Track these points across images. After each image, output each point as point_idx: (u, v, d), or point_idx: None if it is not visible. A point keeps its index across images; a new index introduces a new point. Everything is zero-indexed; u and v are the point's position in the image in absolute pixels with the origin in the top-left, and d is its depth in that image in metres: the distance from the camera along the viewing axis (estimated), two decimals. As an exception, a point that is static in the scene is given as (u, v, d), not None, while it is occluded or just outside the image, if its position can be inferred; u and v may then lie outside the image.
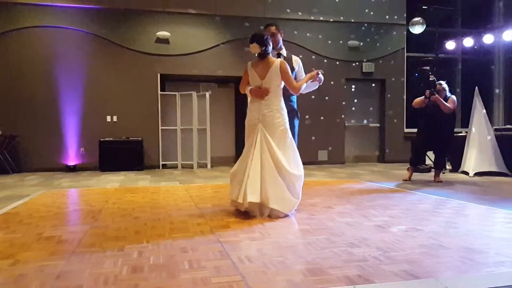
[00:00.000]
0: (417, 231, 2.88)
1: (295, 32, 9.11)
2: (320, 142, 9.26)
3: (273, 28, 3.71)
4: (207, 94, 8.50)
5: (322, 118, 9.24)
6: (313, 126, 9.14)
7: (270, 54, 3.44)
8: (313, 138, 9.18)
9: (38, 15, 8.04)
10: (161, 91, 8.56)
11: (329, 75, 8.85)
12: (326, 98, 9.24)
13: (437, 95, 5.56)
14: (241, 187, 3.31)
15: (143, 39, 8.48)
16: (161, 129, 8.55)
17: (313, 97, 8.86)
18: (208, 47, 8.71)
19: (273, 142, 3.31)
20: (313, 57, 9.16)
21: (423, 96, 5.61)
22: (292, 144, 3.40)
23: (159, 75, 8.47)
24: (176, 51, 8.58)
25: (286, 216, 3.32)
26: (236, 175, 3.50)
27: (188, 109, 8.68)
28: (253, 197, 3.22)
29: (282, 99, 3.46)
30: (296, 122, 3.77)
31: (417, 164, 5.98)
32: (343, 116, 9.47)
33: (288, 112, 3.51)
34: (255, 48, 3.37)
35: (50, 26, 8.09)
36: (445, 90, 5.59)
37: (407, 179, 5.87)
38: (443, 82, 5.58)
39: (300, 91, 3.52)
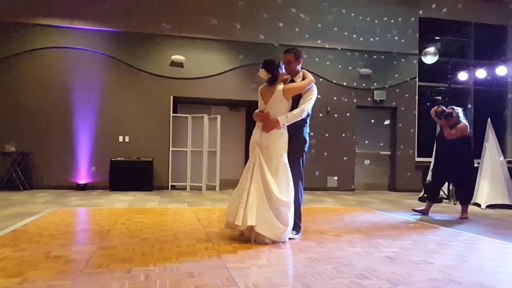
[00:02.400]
0: (428, 264, 2.82)
1: (307, 58, 8.96)
2: (330, 168, 9.19)
3: (289, 56, 3.65)
4: (218, 117, 8.53)
5: (331, 144, 9.21)
6: (322, 152, 9.11)
7: (278, 81, 3.51)
8: (322, 164, 9.12)
9: (55, 36, 8.19)
10: (173, 113, 8.62)
11: (340, 102, 9.07)
12: (337, 124, 9.24)
13: (444, 120, 5.35)
14: (239, 210, 3.31)
15: (158, 62, 8.57)
16: (172, 150, 8.55)
17: (323, 123, 8.94)
18: (221, 72, 8.78)
19: (266, 167, 3.34)
20: (325, 83, 9.19)
21: (437, 106, 5.52)
22: (285, 168, 3.38)
23: (172, 97, 8.52)
24: (190, 74, 8.66)
25: (273, 242, 3.29)
26: (234, 197, 3.51)
27: (199, 131, 8.66)
28: (251, 220, 3.23)
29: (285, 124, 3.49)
30: (304, 152, 3.69)
31: (434, 200, 5.47)
32: (353, 143, 9.42)
33: (295, 140, 3.55)
34: (263, 74, 3.48)
35: (67, 47, 8.23)
36: (457, 116, 5.34)
37: (423, 211, 5.44)
38: (456, 108, 5.42)
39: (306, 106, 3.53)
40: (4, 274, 2.37)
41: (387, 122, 9.10)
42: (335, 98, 9.29)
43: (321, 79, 9.16)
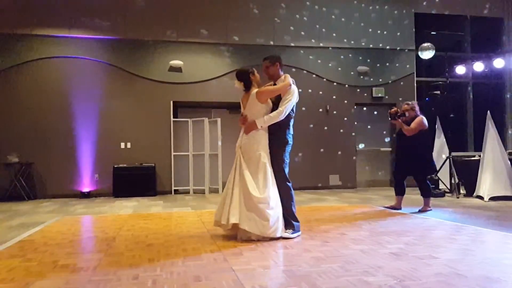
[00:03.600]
0: (433, 259, 2.82)
1: (304, 58, 9.22)
2: (331, 166, 9.20)
3: (265, 63, 3.73)
4: (219, 120, 8.52)
5: (332, 142, 9.22)
6: (323, 151, 9.13)
7: (253, 86, 3.62)
8: (323, 162, 9.14)
9: (55, 46, 8.23)
10: (173, 117, 8.63)
11: (339, 100, 9.08)
12: (337, 122, 9.25)
13: (399, 120, 5.27)
14: (224, 209, 3.49)
15: (157, 68, 8.60)
16: (174, 155, 8.54)
17: (323, 121, 9.01)
18: (219, 75, 8.82)
19: (246, 168, 3.46)
20: (323, 82, 9.24)
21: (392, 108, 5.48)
22: (263, 167, 3.47)
23: (171, 102, 8.56)
24: (189, 79, 8.69)
25: (259, 240, 3.38)
26: (221, 198, 3.67)
27: (200, 135, 8.67)
28: (234, 218, 3.38)
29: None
30: (286, 149, 3.68)
31: (401, 193, 5.40)
32: (353, 140, 9.41)
33: (277, 141, 3.61)
34: (236, 84, 3.65)
35: (67, 57, 8.28)
36: (414, 110, 5.28)
37: (393, 206, 5.44)
38: (412, 102, 5.43)
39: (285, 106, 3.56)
40: (13, 285, 2.37)
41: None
42: (334, 96, 9.33)
43: (319, 78, 9.22)
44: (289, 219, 3.63)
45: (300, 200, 6.72)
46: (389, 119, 5.40)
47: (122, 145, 8.41)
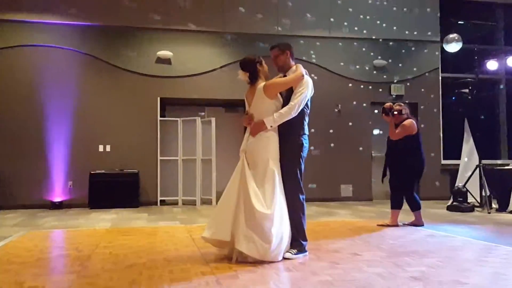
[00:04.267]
0: (460, 285, 2.80)
1: (313, 50, 9.21)
2: (343, 175, 9.17)
3: (274, 51, 3.76)
4: (213, 120, 8.52)
5: (344, 147, 9.15)
6: (334, 157, 9.08)
7: (260, 78, 3.63)
8: (334, 170, 9.12)
9: (25, 33, 8.22)
10: (161, 117, 8.64)
11: (352, 98, 9.08)
12: (350, 124, 9.17)
13: (391, 118, 5.39)
14: (220, 223, 3.50)
15: (142, 59, 8.61)
16: (160, 160, 8.55)
17: (334, 123, 8.95)
18: (215, 68, 8.81)
19: (251, 177, 3.42)
20: (334, 78, 9.22)
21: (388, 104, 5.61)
22: (272, 176, 3.44)
23: (159, 99, 8.58)
24: (179, 72, 8.70)
25: (256, 261, 3.33)
26: (217, 211, 3.70)
27: (191, 137, 8.67)
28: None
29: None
30: (302, 152, 3.69)
31: (396, 206, 5.44)
32: (369, 145, 9.40)
33: (289, 144, 3.59)
34: (241, 75, 3.61)
35: (39, 45, 8.27)
36: (405, 113, 5.41)
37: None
38: (403, 104, 5.56)
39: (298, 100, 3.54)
40: (-31, 310, 2.33)
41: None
42: (346, 94, 9.33)
43: (329, 73, 9.23)
44: (297, 237, 3.60)
45: (306, 214, 6.61)
46: (382, 114, 5.47)
47: (101, 148, 8.41)
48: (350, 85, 9.36)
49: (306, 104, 3.64)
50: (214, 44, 8.93)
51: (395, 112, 5.36)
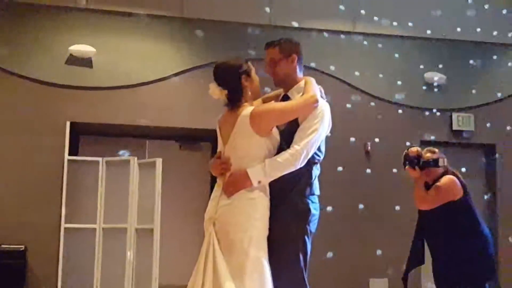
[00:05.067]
0: None
1: (328, 53, 8.35)
2: (373, 260, 7.99)
3: (272, 52, 3.52)
4: (159, 163, 7.71)
5: (376, 212, 8.11)
6: (359, 228, 8.13)
7: (244, 101, 3.42)
8: (359, 252, 8.06)
9: None
10: (70, 154, 7.79)
11: (389, 133, 8.48)
12: (384, 175, 8.06)
13: (418, 171, 4.90)
14: None
15: (43, 57, 7.83)
16: (65, 229, 7.64)
17: (359, 170, 8.17)
18: (165, 75, 7.93)
19: (221, 260, 3.17)
20: (359, 98, 8.25)
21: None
22: (255, 268, 3.17)
23: (68, 124, 7.71)
24: (105, 80, 7.87)
25: None
26: None
27: (121, 190, 7.83)
28: None
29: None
30: (306, 236, 3.37)
31: None
32: (415, 208, 7.99)
33: (287, 212, 3.36)
34: (215, 92, 3.38)
35: None
36: (443, 165, 4.93)
37: None
38: (437, 151, 5.07)
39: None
40: None
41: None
42: (379, 127, 8.37)
43: (353, 90, 8.40)
44: None
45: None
46: (405, 165, 4.93)
47: (-36, 208, 7.81)
48: (386, 111, 8.43)
49: (319, 148, 3.44)
50: (166, 36, 8.11)
51: (426, 163, 4.87)
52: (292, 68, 3.49)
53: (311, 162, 3.36)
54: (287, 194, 3.33)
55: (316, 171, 3.42)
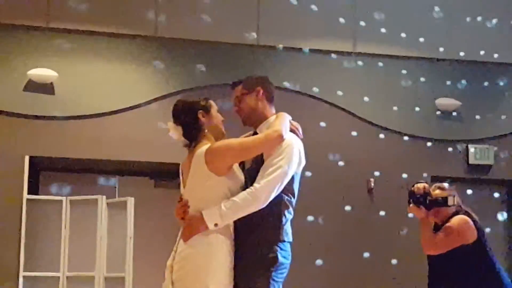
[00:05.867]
0: None
1: (322, 77, 8.55)
2: None
3: (236, 90, 3.73)
4: (131, 202, 7.87)
5: (379, 259, 8.20)
6: (359, 277, 8.20)
7: (202, 139, 3.58)
8: None
9: None
10: (29, 193, 7.90)
11: (395, 168, 8.57)
12: (390, 217, 8.32)
13: (424, 211, 4.85)
14: None
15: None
16: (24, 278, 7.71)
17: (360, 212, 8.38)
18: (138, 103, 8.15)
19: None
20: (360, 127, 8.56)
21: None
22: None
23: (27, 159, 7.84)
24: (69, 109, 8.01)
25: None
26: None
27: (87, 234, 7.95)
28: None
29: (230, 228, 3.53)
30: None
31: None
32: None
33: (251, 262, 3.45)
34: (173, 130, 3.55)
35: None
36: (453, 203, 4.92)
37: None
38: (447, 185, 5.11)
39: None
40: None
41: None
42: (383, 161, 8.54)
43: (352, 118, 8.75)
44: None
45: None
46: (409, 202, 4.90)
47: None
48: (392, 142, 8.64)
49: (290, 189, 3.52)
50: (139, 57, 8.25)
51: (434, 201, 4.85)
52: (258, 102, 3.62)
53: (281, 205, 3.45)
54: (252, 239, 3.42)
55: (288, 215, 3.49)
